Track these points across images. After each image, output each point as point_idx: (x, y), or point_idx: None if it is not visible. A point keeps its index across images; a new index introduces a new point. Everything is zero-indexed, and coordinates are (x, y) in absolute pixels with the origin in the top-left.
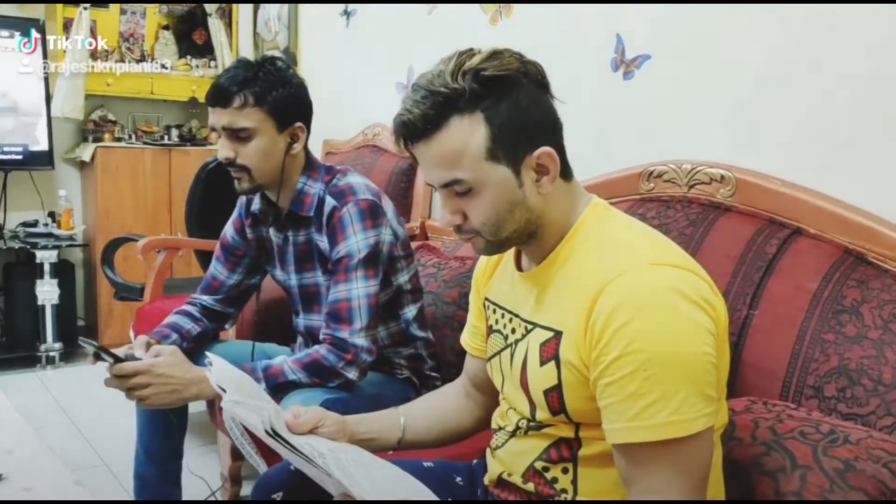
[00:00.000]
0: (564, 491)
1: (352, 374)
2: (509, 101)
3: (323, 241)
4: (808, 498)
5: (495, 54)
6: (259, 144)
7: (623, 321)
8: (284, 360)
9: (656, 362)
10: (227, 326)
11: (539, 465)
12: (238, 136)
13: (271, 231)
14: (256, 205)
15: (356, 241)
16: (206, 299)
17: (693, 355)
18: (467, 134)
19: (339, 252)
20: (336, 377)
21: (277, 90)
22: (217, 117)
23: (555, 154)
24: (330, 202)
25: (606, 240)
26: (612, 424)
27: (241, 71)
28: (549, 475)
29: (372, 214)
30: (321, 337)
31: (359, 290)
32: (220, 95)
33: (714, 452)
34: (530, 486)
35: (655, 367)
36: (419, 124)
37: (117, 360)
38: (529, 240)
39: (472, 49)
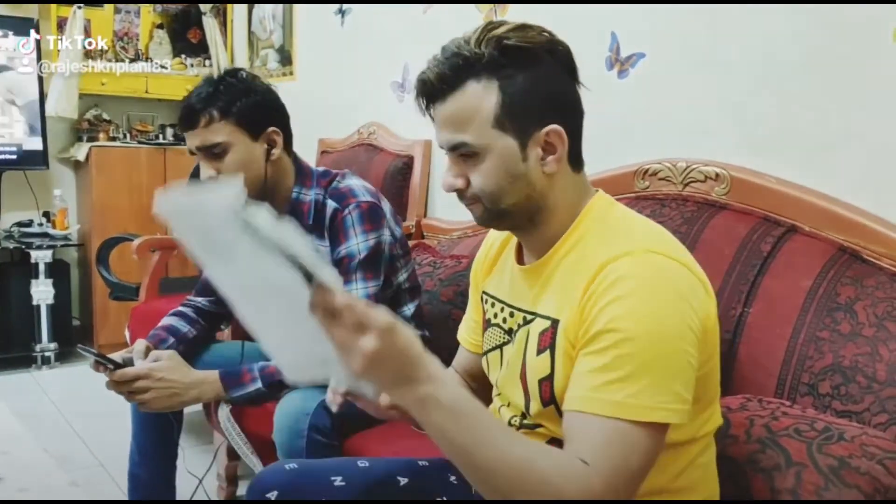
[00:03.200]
0: None
1: None
2: (527, 74)
3: (324, 246)
4: (803, 495)
5: (523, 27)
6: (236, 156)
7: (612, 298)
8: None
9: (632, 343)
10: (222, 327)
11: None
12: (213, 153)
13: None
14: None
15: (357, 243)
16: (202, 301)
17: (670, 347)
18: (479, 99)
19: (340, 253)
20: None
21: (241, 100)
22: (191, 140)
23: (563, 134)
24: (331, 205)
25: (608, 227)
26: (572, 392)
27: (204, 89)
28: None
29: (372, 217)
30: None
31: (358, 291)
32: (187, 118)
33: (706, 453)
34: None
35: (630, 347)
36: (436, 83)
37: (117, 366)
38: (530, 225)
39: (504, 20)
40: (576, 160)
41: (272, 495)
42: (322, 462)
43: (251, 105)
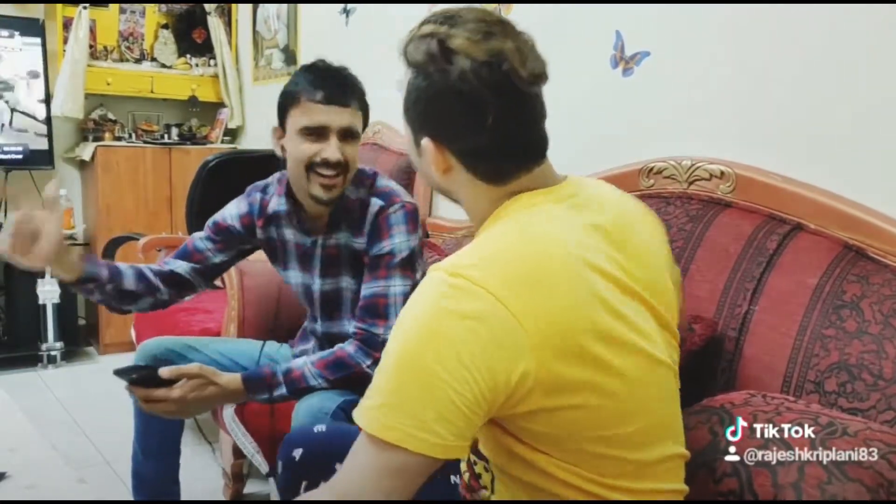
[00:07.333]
0: (485, 488)
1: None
2: (416, 82)
3: (359, 243)
4: (806, 489)
5: (426, 38)
6: (356, 149)
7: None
8: (306, 362)
9: (388, 356)
10: (187, 298)
11: (471, 456)
12: (348, 138)
13: (290, 233)
14: (282, 206)
15: (400, 241)
16: (181, 264)
17: (420, 368)
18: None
19: (383, 249)
20: (359, 377)
21: (364, 97)
22: (332, 116)
23: (434, 150)
24: (376, 202)
25: (477, 239)
26: None
27: (338, 71)
28: (476, 469)
29: (414, 219)
30: (352, 331)
31: (396, 287)
32: (340, 94)
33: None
34: (466, 476)
35: (387, 359)
36: None
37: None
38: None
39: (435, 23)
40: (484, 175)
41: (297, 454)
42: (350, 429)
43: (366, 105)
